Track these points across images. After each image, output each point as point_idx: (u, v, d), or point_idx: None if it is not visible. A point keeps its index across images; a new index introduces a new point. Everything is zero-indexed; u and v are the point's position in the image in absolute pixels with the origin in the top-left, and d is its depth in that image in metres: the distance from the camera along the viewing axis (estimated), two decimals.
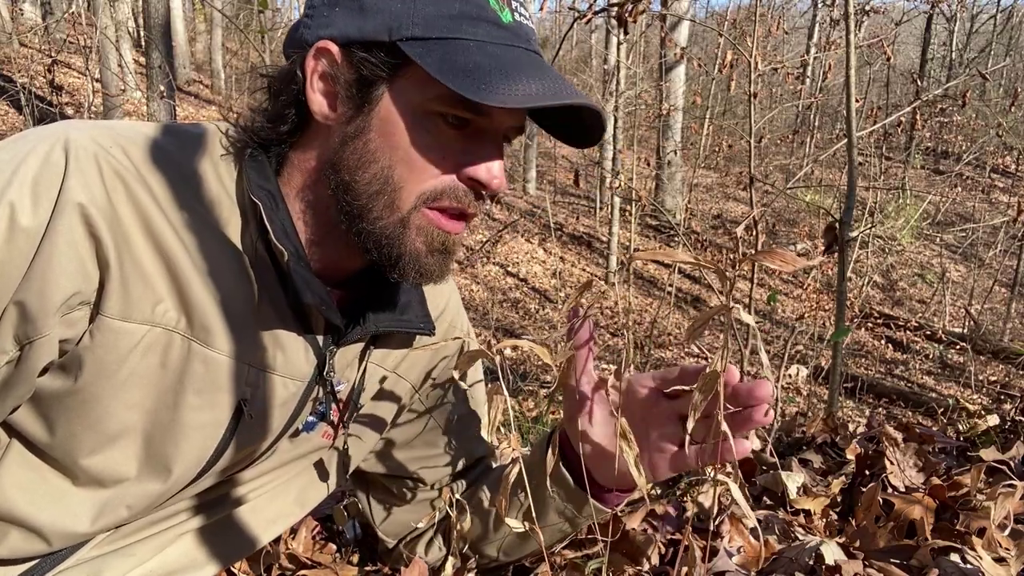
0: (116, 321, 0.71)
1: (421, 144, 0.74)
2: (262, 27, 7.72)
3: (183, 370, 0.76)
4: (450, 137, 0.75)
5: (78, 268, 0.68)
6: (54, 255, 0.67)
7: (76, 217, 0.67)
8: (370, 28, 0.73)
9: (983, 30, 23.05)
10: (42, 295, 0.67)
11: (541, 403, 4.37)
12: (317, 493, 1.00)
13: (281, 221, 0.77)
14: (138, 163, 0.73)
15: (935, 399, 6.78)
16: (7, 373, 0.70)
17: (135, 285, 0.71)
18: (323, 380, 0.86)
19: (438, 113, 0.74)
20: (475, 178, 0.76)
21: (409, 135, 0.74)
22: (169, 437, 0.78)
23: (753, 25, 3.65)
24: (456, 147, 0.76)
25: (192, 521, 0.90)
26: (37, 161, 0.68)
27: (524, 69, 0.73)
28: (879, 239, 9.65)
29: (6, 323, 0.67)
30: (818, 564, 0.99)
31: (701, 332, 0.68)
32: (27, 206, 0.66)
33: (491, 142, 0.77)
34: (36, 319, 0.68)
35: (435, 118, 0.74)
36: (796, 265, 0.63)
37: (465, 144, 0.76)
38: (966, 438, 1.63)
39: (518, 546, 1.05)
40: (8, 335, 0.68)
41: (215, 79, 16.07)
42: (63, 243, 0.67)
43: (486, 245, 11.01)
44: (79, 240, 0.68)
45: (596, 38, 20.74)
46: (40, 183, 0.67)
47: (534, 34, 0.79)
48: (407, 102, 0.74)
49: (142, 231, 0.71)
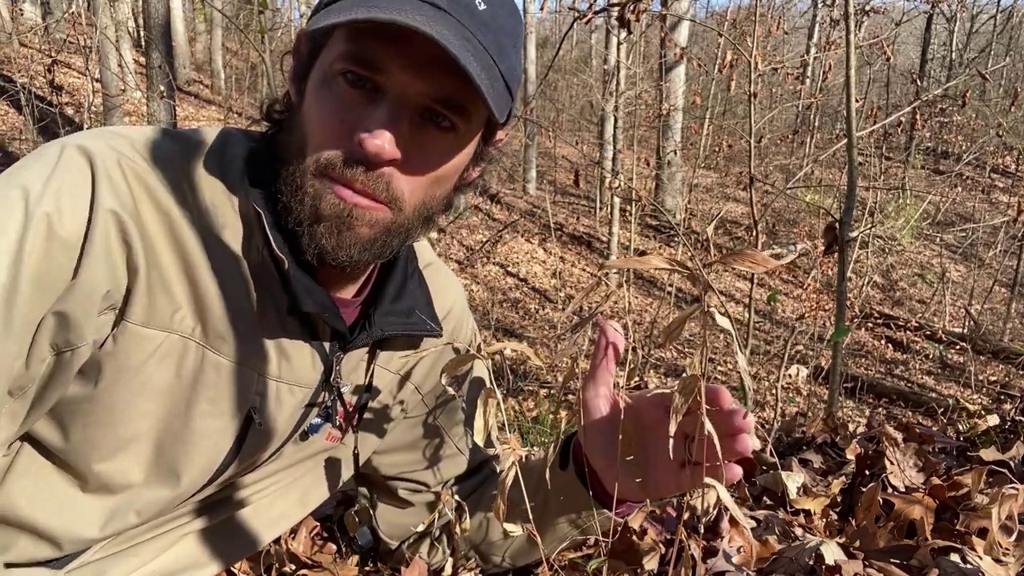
0: (138, 327, 0.72)
1: (324, 105, 0.73)
2: (262, 27, 7.71)
3: (196, 378, 0.76)
4: (349, 97, 0.72)
5: (110, 273, 0.69)
6: (92, 264, 0.67)
7: (111, 223, 0.68)
8: (316, 10, 0.75)
9: (983, 30, 23.05)
10: (84, 304, 0.68)
11: (541, 403, 4.37)
12: (320, 494, 1.00)
13: (282, 229, 0.76)
14: (155, 169, 0.73)
15: (935, 399, 6.78)
16: (46, 378, 0.70)
17: (158, 292, 0.72)
18: (330, 386, 0.86)
19: (340, 72, 0.72)
20: (358, 140, 0.70)
21: (316, 101, 0.74)
22: (179, 444, 0.78)
23: (753, 25, 3.65)
24: (353, 109, 0.72)
25: (196, 522, 0.90)
26: (65, 172, 0.68)
27: (386, 6, 0.67)
28: (879, 239, 9.65)
29: (44, 331, 0.67)
30: (818, 564, 0.99)
31: (678, 334, 0.68)
32: (64, 217, 0.66)
33: (389, 106, 0.71)
34: (78, 326, 0.68)
35: (338, 78, 0.72)
36: (768, 266, 0.63)
37: (362, 106, 0.72)
38: (966, 438, 1.63)
39: (525, 552, 1.05)
40: (45, 343, 0.68)
41: (215, 79, 16.06)
42: (99, 250, 0.67)
43: (486, 245, 11.01)
44: (114, 247, 0.69)
45: (596, 38, 20.73)
46: (72, 192, 0.67)
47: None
48: (320, 68, 0.74)
49: (166, 237, 0.72)
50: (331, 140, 0.72)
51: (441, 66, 0.69)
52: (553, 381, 4.96)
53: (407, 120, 0.72)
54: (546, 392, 4.74)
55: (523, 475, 0.81)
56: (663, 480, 0.83)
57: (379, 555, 1.17)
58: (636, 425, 0.83)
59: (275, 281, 0.78)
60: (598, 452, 0.87)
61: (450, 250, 10.83)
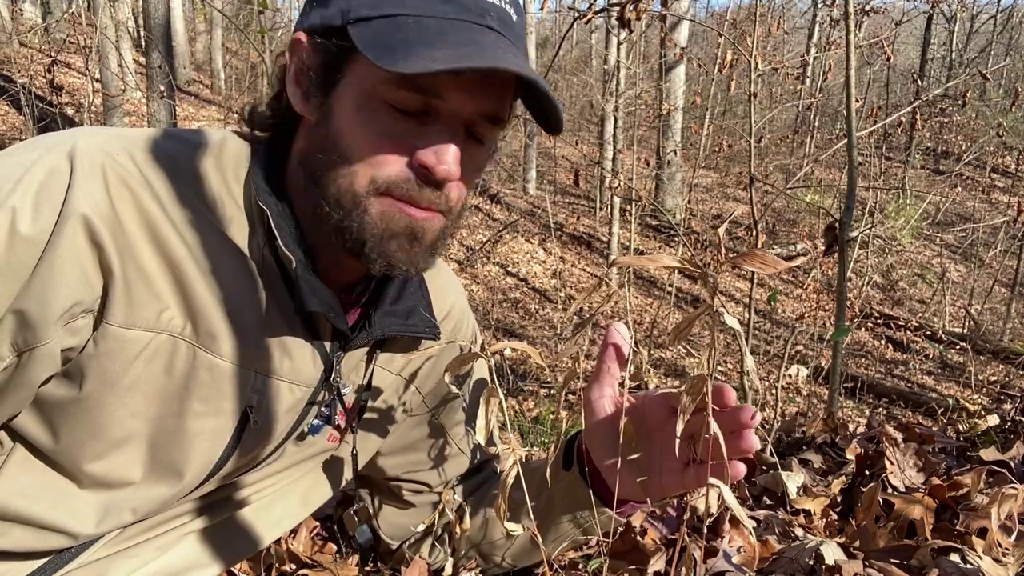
0: (120, 329, 0.71)
1: (372, 129, 0.73)
2: (262, 27, 7.71)
3: (188, 377, 0.76)
4: (401, 122, 0.73)
5: (80, 277, 0.68)
6: (55, 264, 0.67)
7: (79, 227, 0.67)
8: (328, 14, 0.74)
9: (983, 30, 23.04)
10: (42, 303, 0.67)
11: (541, 403, 4.37)
12: (321, 494, 1.00)
13: (289, 227, 0.76)
14: (145, 170, 0.73)
15: (935, 399, 6.77)
16: (4, 379, 0.70)
17: (139, 292, 0.71)
18: (330, 386, 0.87)
19: (386, 101, 0.72)
20: (423, 163, 0.73)
21: (361, 120, 0.73)
22: (174, 443, 0.78)
23: (753, 25, 3.65)
24: (408, 133, 0.73)
25: (196, 522, 0.90)
26: (43, 170, 0.68)
27: (452, 37, 0.69)
28: (879, 239, 9.65)
29: (3, 330, 0.67)
30: (818, 564, 0.99)
31: (687, 334, 0.68)
32: (28, 214, 0.66)
33: (445, 127, 0.73)
34: (36, 327, 0.68)
35: (383, 105, 0.72)
36: (777, 267, 0.63)
37: (418, 129, 0.73)
38: (966, 438, 1.63)
39: (527, 553, 1.05)
40: (5, 342, 0.68)
41: (215, 79, 16.06)
42: (65, 252, 0.67)
43: (486, 245, 11.00)
44: (81, 249, 0.68)
45: (596, 38, 20.73)
46: (44, 192, 0.67)
47: (495, 9, 0.74)
48: (360, 86, 0.73)
49: (147, 238, 0.71)
50: (388, 162, 0.73)
51: (488, 86, 0.73)
52: (553, 381, 4.96)
53: (460, 137, 0.75)
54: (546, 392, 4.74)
55: (526, 476, 0.81)
56: (667, 480, 0.83)
57: (379, 555, 1.17)
58: (640, 425, 0.83)
59: (279, 280, 0.78)
60: (601, 452, 0.87)
61: (450, 250, 10.82)
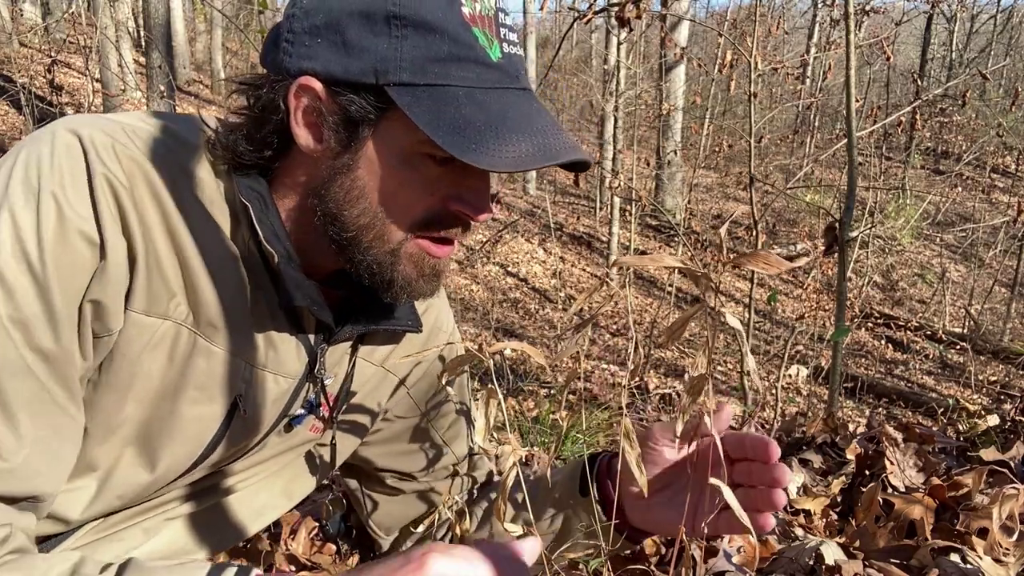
0: (140, 315, 0.73)
1: (409, 181, 0.75)
2: (262, 27, 7.70)
3: (187, 364, 0.77)
4: (438, 172, 0.74)
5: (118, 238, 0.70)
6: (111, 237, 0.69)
7: (106, 186, 0.69)
8: (356, 69, 0.71)
9: (983, 30, 23.05)
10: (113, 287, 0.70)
11: (541, 403, 4.36)
12: (304, 486, 1.02)
13: (271, 223, 0.77)
14: (149, 156, 0.74)
15: (935, 399, 6.78)
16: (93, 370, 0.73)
17: (156, 278, 0.73)
18: (314, 377, 0.88)
19: (426, 153, 0.73)
20: (463, 210, 0.76)
21: (397, 174, 0.74)
22: (165, 429, 0.79)
23: (753, 25, 3.65)
24: (444, 180, 0.75)
25: (181, 508, 0.92)
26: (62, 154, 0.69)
27: (515, 124, 0.72)
28: (879, 239, 9.66)
29: (85, 319, 0.69)
30: (818, 564, 0.99)
31: (680, 333, 0.68)
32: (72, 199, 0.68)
33: (482, 176, 0.77)
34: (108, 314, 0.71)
35: (423, 157, 0.74)
36: (781, 268, 0.63)
37: (453, 177, 0.75)
38: (966, 438, 1.63)
39: None
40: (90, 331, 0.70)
41: (215, 79, 16.06)
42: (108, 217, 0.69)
43: (486, 245, 11.01)
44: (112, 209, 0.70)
45: (596, 38, 20.74)
46: (74, 175, 0.68)
47: (523, 63, 0.77)
48: (394, 143, 0.73)
49: (161, 224, 0.73)
50: (426, 206, 0.76)
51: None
52: (553, 381, 4.95)
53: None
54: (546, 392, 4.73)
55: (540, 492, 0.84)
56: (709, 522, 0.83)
57: (375, 555, 1.17)
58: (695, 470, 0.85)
59: (263, 273, 0.79)
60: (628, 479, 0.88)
61: None
